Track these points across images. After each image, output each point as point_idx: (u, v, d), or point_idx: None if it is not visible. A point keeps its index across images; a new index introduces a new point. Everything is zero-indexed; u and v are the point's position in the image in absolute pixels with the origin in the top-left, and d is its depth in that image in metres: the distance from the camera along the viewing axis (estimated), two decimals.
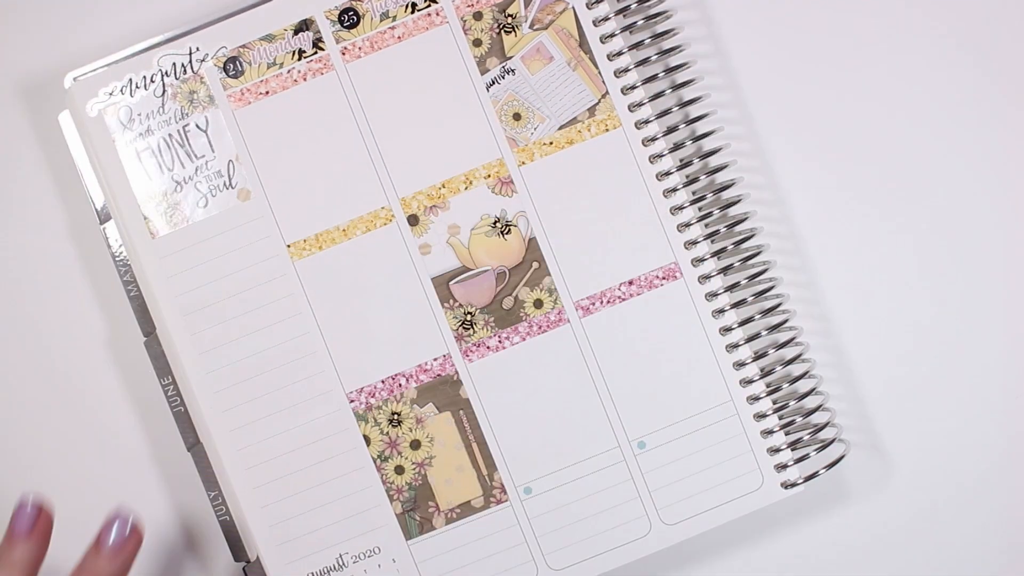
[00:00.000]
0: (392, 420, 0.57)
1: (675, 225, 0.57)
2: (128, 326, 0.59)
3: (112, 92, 0.56)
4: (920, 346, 0.60)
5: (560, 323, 0.57)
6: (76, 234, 0.60)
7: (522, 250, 0.57)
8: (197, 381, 0.56)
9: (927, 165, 0.60)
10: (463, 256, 0.57)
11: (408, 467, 0.57)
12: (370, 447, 0.57)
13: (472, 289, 0.57)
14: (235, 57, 0.56)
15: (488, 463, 0.57)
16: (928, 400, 0.60)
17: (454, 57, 0.57)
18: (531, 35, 0.57)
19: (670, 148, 0.57)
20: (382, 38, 0.56)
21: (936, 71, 0.60)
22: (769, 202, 0.60)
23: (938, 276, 0.60)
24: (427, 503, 0.57)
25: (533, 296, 0.57)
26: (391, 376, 0.57)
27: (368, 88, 0.57)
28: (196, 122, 0.57)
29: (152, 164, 0.57)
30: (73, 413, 0.60)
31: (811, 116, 0.60)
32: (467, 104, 0.57)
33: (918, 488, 0.60)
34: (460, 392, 0.57)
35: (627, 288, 0.57)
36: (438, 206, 0.57)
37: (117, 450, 0.60)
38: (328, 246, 0.57)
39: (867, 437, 0.60)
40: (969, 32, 0.60)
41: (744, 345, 0.57)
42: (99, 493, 0.60)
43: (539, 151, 0.57)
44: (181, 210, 0.57)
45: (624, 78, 0.56)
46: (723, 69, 0.59)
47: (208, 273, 0.57)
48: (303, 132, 0.57)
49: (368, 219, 0.57)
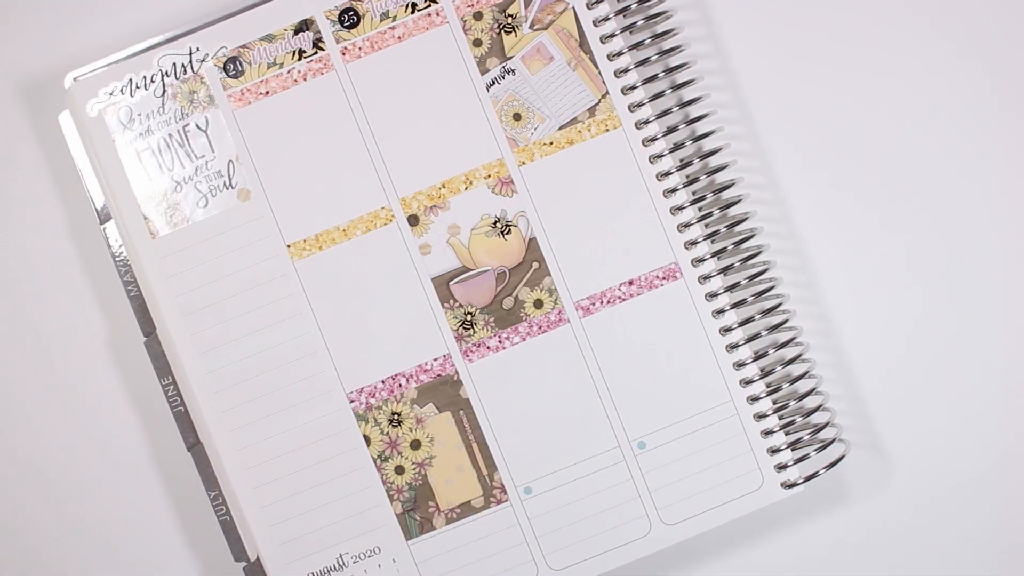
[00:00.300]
0: (392, 420, 0.57)
1: (675, 225, 0.57)
2: (128, 326, 0.59)
3: (112, 92, 0.56)
4: (919, 345, 0.60)
5: (560, 323, 0.57)
6: (76, 234, 0.60)
7: (522, 250, 0.57)
8: (197, 381, 0.56)
9: (926, 165, 0.60)
10: (463, 256, 0.57)
11: (408, 467, 0.57)
12: (370, 447, 0.57)
13: (472, 289, 0.57)
14: (235, 57, 0.56)
15: (488, 463, 0.57)
16: (928, 400, 0.60)
17: (454, 57, 0.57)
18: (531, 35, 0.57)
19: (670, 148, 0.57)
20: (382, 38, 0.56)
21: (936, 72, 0.60)
22: (769, 202, 0.60)
23: (937, 276, 0.60)
24: (427, 503, 0.57)
25: (533, 296, 0.57)
26: (391, 376, 0.57)
27: (368, 88, 0.57)
28: (196, 122, 0.57)
29: (152, 164, 0.57)
30: (73, 413, 0.60)
31: (811, 116, 0.60)
32: (467, 104, 0.57)
33: (918, 488, 0.60)
34: (460, 392, 0.57)
35: (627, 288, 0.57)
36: (438, 206, 0.57)
37: (117, 450, 0.60)
38: (328, 246, 0.57)
39: (867, 437, 0.60)
40: (969, 33, 0.60)
41: (744, 345, 0.57)
42: (99, 493, 0.60)
43: (539, 151, 0.57)
44: (181, 210, 0.57)
45: (624, 78, 0.56)
46: (723, 69, 0.59)
47: (208, 273, 0.57)
48: (303, 132, 0.57)
49: (368, 219, 0.57)
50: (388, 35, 0.56)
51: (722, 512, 0.57)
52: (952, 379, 0.60)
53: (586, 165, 0.57)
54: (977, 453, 0.60)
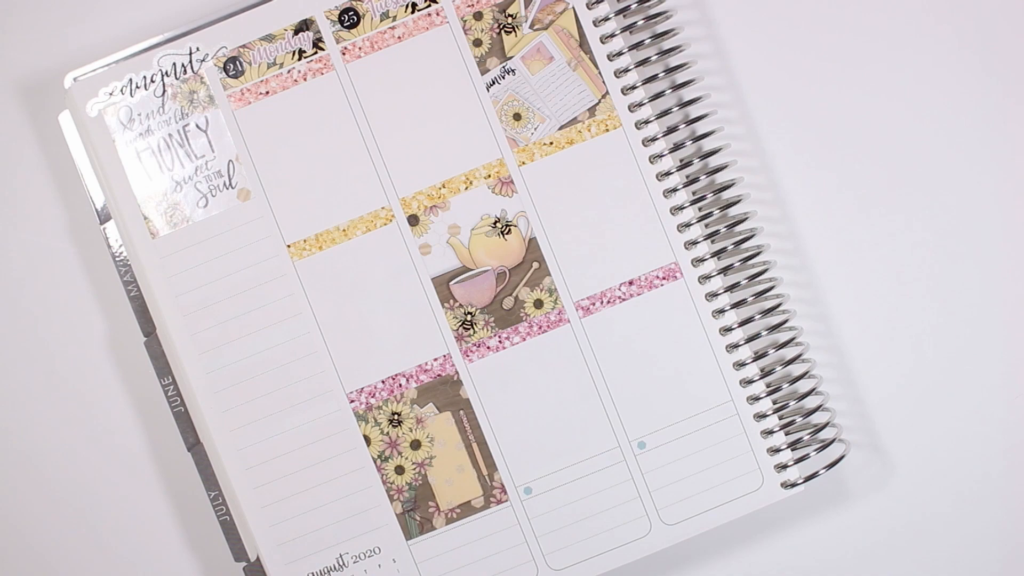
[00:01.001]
0: (392, 420, 0.57)
1: (675, 225, 0.57)
2: (128, 326, 0.59)
3: (112, 92, 0.56)
4: (920, 346, 0.60)
5: (560, 323, 0.57)
6: (76, 234, 0.60)
7: (522, 250, 0.57)
8: (197, 381, 0.56)
9: (928, 165, 0.60)
10: (463, 256, 0.57)
11: (408, 467, 0.57)
12: (370, 447, 0.57)
13: (472, 289, 0.57)
14: (235, 57, 0.56)
15: (488, 463, 0.57)
16: (928, 399, 0.60)
17: (454, 57, 0.57)
18: (531, 35, 0.57)
19: (670, 148, 0.57)
20: (382, 38, 0.56)
21: (937, 70, 0.60)
22: (769, 202, 0.60)
23: (939, 276, 0.60)
24: (427, 503, 0.57)
25: (533, 296, 0.57)
26: (391, 376, 0.57)
27: (368, 88, 0.57)
28: (196, 122, 0.57)
29: (152, 164, 0.57)
30: (73, 413, 0.60)
31: (811, 116, 0.60)
32: (467, 104, 0.57)
33: (918, 488, 0.60)
34: (460, 392, 0.57)
35: (627, 288, 0.57)
36: (438, 206, 0.57)
37: (117, 450, 0.60)
38: (328, 246, 0.57)
39: (867, 437, 0.60)
40: (970, 31, 0.60)
41: (744, 345, 0.57)
42: (99, 493, 0.60)
43: (539, 151, 0.57)
44: (181, 210, 0.57)
45: (624, 78, 0.56)
46: (723, 69, 0.59)
47: (208, 273, 0.57)
48: (303, 132, 0.57)
49: (368, 219, 0.57)
50: (388, 35, 0.56)
51: (722, 512, 0.57)
52: (953, 378, 0.60)
53: (586, 165, 0.57)
54: (978, 452, 0.60)
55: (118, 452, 0.60)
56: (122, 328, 0.59)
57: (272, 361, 0.57)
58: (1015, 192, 0.60)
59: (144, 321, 0.57)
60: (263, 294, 0.57)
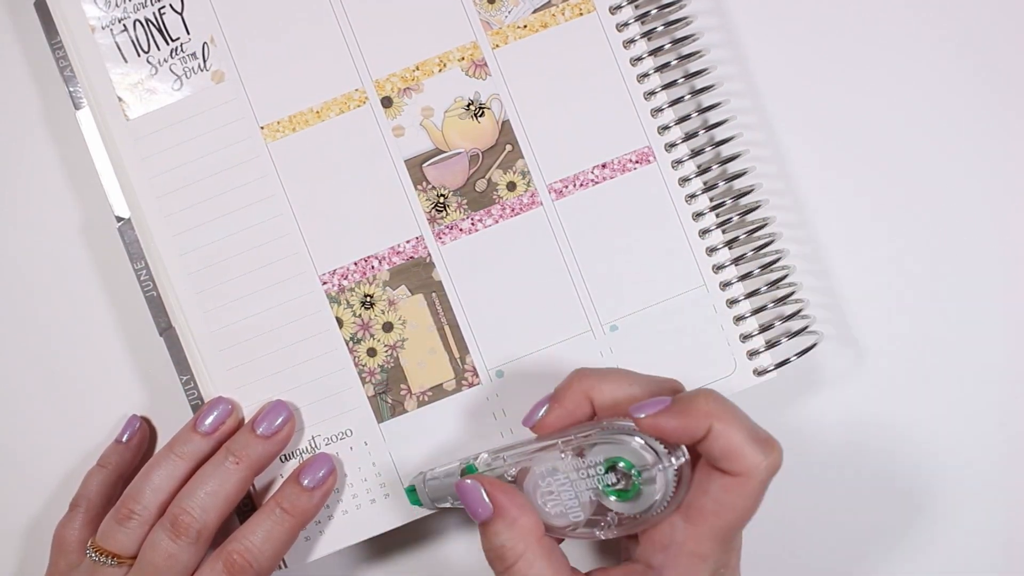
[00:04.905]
0: (364, 302, 0.57)
1: (649, 110, 0.57)
2: (101, 211, 0.59)
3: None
4: (921, 345, 0.60)
5: (533, 206, 0.57)
6: (52, 125, 0.60)
7: (495, 133, 0.57)
8: (171, 263, 0.56)
9: (931, 165, 0.60)
10: (436, 138, 0.57)
11: (380, 349, 0.57)
12: (342, 329, 0.57)
13: (445, 171, 0.57)
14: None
15: (460, 346, 0.57)
16: (929, 399, 0.60)
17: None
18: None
19: (643, 35, 0.57)
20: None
21: (945, 71, 0.60)
22: (748, 110, 0.60)
23: (941, 275, 0.60)
24: (399, 386, 0.57)
25: (506, 179, 0.57)
26: (364, 258, 0.57)
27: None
28: (171, 4, 0.57)
29: (128, 46, 0.57)
30: (47, 297, 0.60)
31: (822, 111, 0.60)
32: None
33: (888, 376, 0.60)
34: (432, 274, 0.57)
35: (600, 171, 0.57)
36: (412, 88, 0.57)
37: (90, 335, 0.60)
38: (301, 128, 0.57)
39: (841, 330, 0.60)
40: (986, 32, 0.60)
41: (716, 230, 0.57)
42: (73, 377, 0.59)
43: (513, 34, 0.57)
44: (156, 92, 0.57)
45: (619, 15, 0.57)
46: (730, 42, 0.60)
47: (182, 155, 0.56)
48: (277, 13, 0.57)
49: (341, 101, 0.57)
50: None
51: None
52: (953, 378, 0.60)
53: (560, 48, 0.57)
54: (978, 448, 0.60)
55: (90, 337, 0.60)
56: (95, 213, 0.59)
57: (245, 243, 0.56)
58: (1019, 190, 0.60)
59: (118, 204, 0.57)
60: (236, 176, 0.56)
